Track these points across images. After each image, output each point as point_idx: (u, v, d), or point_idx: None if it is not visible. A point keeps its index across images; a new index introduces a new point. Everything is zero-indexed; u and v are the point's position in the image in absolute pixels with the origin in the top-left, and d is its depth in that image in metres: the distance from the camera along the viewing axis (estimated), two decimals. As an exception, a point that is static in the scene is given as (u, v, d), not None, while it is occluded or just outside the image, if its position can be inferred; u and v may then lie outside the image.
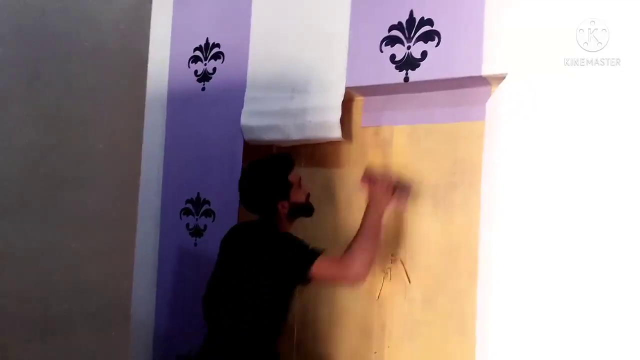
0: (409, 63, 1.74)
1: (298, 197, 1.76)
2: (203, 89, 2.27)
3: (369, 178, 1.75)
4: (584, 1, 1.38)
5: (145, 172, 2.45)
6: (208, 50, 2.26)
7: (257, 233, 1.74)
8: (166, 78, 2.38)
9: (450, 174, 1.78)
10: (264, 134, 2.04)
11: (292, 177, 1.76)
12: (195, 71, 2.29)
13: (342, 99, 1.85)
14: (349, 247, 1.64)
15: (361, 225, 1.68)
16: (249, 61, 2.12)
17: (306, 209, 1.81)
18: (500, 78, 1.58)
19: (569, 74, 1.45)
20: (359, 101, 2.01)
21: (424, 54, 1.72)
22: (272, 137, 2.02)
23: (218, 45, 2.24)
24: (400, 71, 1.76)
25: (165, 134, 2.37)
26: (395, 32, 1.78)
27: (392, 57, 1.78)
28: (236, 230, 1.87)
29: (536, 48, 1.53)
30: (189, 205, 2.26)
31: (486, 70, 1.60)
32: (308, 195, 1.82)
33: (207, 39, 2.27)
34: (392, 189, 1.73)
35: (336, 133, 1.86)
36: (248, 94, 2.11)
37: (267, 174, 1.74)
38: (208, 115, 2.23)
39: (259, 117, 2.06)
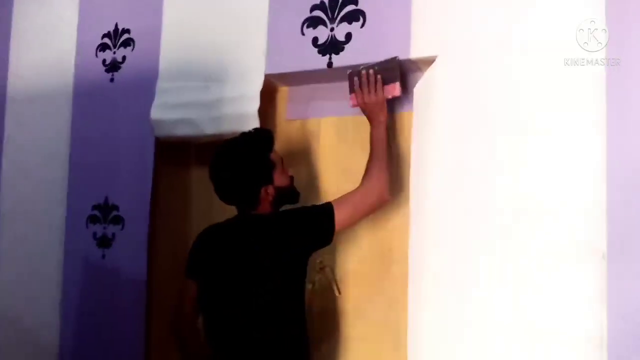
0: (332, 46, 1.56)
1: (282, 180, 1.46)
2: (112, 79, 2.02)
3: (354, 93, 1.51)
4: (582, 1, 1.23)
5: (48, 176, 2.21)
6: (117, 37, 2.02)
7: (250, 228, 1.42)
8: (72, 69, 2.12)
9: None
10: (176, 128, 1.81)
11: (273, 156, 1.45)
12: (104, 60, 2.04)
13: (261, 87, 1.65)
14: (366, 171, 1.45)
15: (371, 144, 1.47)
16: (161, 48, 1.89)
17: (292, 194, 1.51)
18: (429, 62, 1.42)
19: (503, 61, 1.31)
20: (283, 92, 1.81)
21: (349, 37, 1.54)
22: (185, 132, 1.79)
23: (128, 31, 2.00)
24: (323, 55, 1.57)
25: (71, 132, 2.10)
26: (317, 13, 1.59)
27: (315, 40, 1.59)
28: (218, 234, 1.50)
29: (470, 29, 1.37)
30: (96, 212, 2.00)
31: (415, 53, 1.44)
32: (292, 179, 1.51)
33: (117, 24, 2.02)
34: (380, 88, 1.47)
35: (254, 125, 1.65)
36: (160, 84, 1.88)
37: (245, 154, 1.41)
38: (117, 109, 1.98)
39: (170, 110, 1.83)
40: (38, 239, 2.14)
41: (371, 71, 1.48)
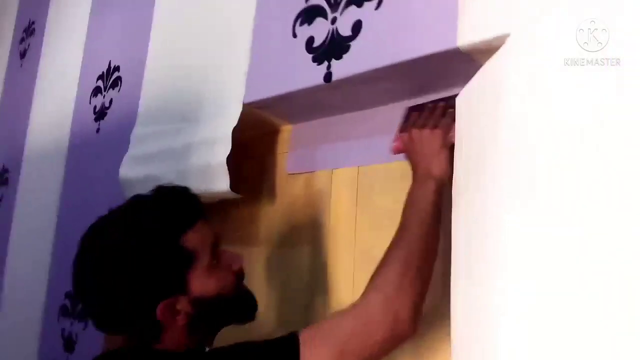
0: (333, 47, 0.92)
1: (213, 282, 0.77)
2: (97, 130, 1.59)
3: (403, 133, 0.89)
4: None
5: (32, 260, 1.82)
6: (109, 77, 1.60)
7: None
8: (70, 122, 1.75)
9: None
10: (143, 188, 1.27)
11: (193, 239, 0.76)
12: (95, 107, 1.63)
13: (235, 123, 1.06)
14: (379, 270, 0.76)
15: (403, 214, 0.80)
16: (143, 85, 1.42)
17: (234, 308, 0.82)
18: (487, 49, 0.72)
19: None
20: (285, 133, 1.20)
21: (357, 27, 0.90)
22: (152, 194, 1.25)
23: (118, 69, 1.57)
24: (319, 64, 0.94)
25: (60, 197, 1.70)
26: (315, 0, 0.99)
27: (309, 42, 0.97)
28: None
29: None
30: (67, 302, 1.52)
31: (465, 38, 0.75)
32: (239, 275, 0.82)
33: (110, 62, 1.62)
34: (449, 127, 0.83)
35: (222, 184, 1.05)
36: (135, 131, 1.39)
37: (124, 243, 0.74)
38: (99, 167, 1.53)
39: (139, 165, 1.31)
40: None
41: (440, 104, 0.87)
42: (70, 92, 1.78)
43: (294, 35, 1.01)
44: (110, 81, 1.58)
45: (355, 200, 1.02)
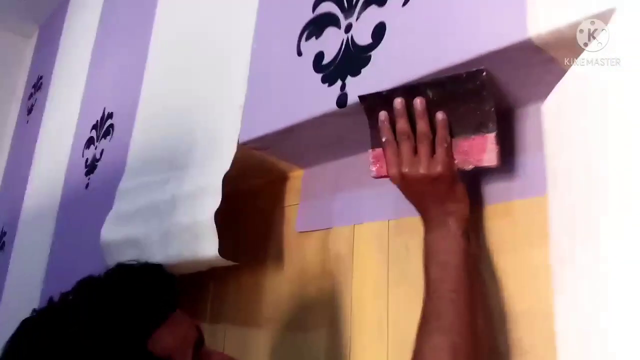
0: (348, 62, 0.69)
1: None
2: (87, 185, 1.39)
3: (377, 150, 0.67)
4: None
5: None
6: (102, 125, 1.41)
7: None
8: (63, 178, 1.56)
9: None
10: (123, 254, 1.04)
11: (165, 339, 0.54)
12: (86, 160, 1.44)
13: (227, 169, 0.82)
14: None
15: (426, 284, 0.59)
16: (133, 133, 1.21)
17: None
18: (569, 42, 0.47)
19: None
20: (293, 180, 0.95)
21: (379, 31, 0.66)
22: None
23: (111, 116, 1.39)
24: (330, 85, 0.71)
25: (48, 261, 1.48)
26: (326, 6, 0.76)
27: (318, 59, 0.74)
28: None
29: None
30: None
31: (539, 26, 0.50)
32: None
33: (104, 109, 1.44)
34: (444, 144, 0.60)
35: (209, 248, 0.80)
36: (121, 185, 1.17)
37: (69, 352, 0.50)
38: (85, 228, 1.31)
39: (120, 225, 1.08)
40: None
41: (418, 102, 0.60)
42: (66, 145, 1.61)
43: (299, 54, 0.78)
44: (103, 130, 1.39)
45: (387, 265, 0.75)
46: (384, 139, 0.63)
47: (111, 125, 1.36)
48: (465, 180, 0.62)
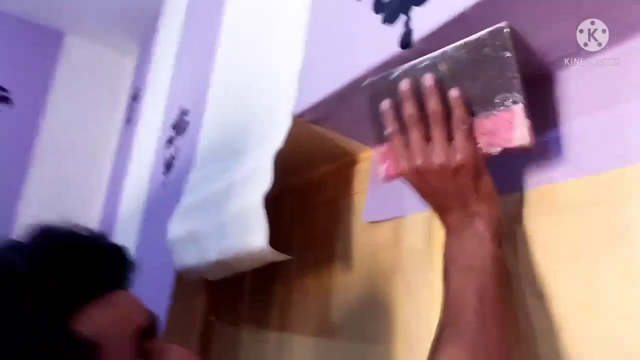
0: (414, -9, 0.54)
1: None
2: (164, 183, 1.35)
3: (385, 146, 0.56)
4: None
5: None
6: (180, 123, 1.38)
7: None
8: (147, 182, 1.55)
9: None
10: (184, 253, 0.96)
11: (96, 319, 0.41)
12: (165, 160, 1.41)
13: (280, 144, 0.70)
14: None
15: (447, 301, 0.48)
16: (202, 127, 1.15)
17: None
18: None
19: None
20: (364, 163, 0.80)
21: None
22: (192, 259, 0.92)
23: (187, 113, 1.34)
24: (391, 23, 0.55)
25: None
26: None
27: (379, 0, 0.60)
28: None
29: None
30: None
31: None
32: None
33: (180, 107, 1.40)
34: (463, 125, 0.48)
35: (257, 238, 0.67)
36: (189, 179, 1.10)
37: None
38: (161, 227, 1.27)
39: (184, 220, 1.00)
40: None
41: (427, 77, 0.49)
42: (152, 148, 1.60)
43: (358, -2, 0.64)
44: (181, 127, 1.35)
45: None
46: (389, 130, 0.52)
47: (187, 123, 1.31)
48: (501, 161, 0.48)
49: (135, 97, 2.24)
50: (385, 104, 0.53)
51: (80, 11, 2.25)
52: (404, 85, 0.50)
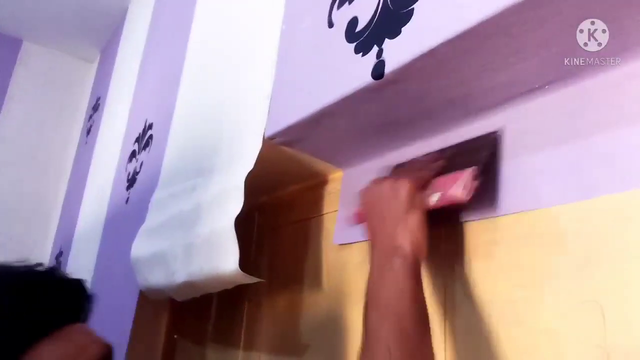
0: (387, 19, 0.55)
1: None
2: (127, 200, 1.32)
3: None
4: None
5: None
6: (144, 137, 1.35)
7: None
8: (109, 195, 1.51)
9: None
10: (150, 274, 0.94)
11: (40, 358, 0.43)
12: (128, 174, 1.38)
13: (252, 166, 0.70)
14: None
15: (365, 333, 0.48)
16: (167, 143, 1.13)
17: None
18: None
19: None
20: (333, 184, 0.81)
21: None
22: (158, 280, 0.90)
23: (151, 127, 1.32)
24: (364, 54, 0.57)
25: (91, 283, 1.42)
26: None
27: (351, 26, 0.61)
28: None
29: None
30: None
31: None
32: None
33: (146, 121, 1.38)
34: (415, 181, 0.55)
35: (228, 261, 0.67)
36: (154, 197, 1.08)
37: None
38: (123, 245, 1.24)
39: (149, 239, 0.98)
40: None
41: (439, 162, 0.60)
42: (114, 161, 1.57)
43: (330, 25, 0.65)
44: (144, 142, 1.33)
45: (444, 282, 0.58)
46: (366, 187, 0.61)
47: (150, 137, 1.29)
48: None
49: (95, 107, 2.18)
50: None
51: (39, 17, 2.18)
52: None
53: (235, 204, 0.68)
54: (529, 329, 0.50)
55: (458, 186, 0.52)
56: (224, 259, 0.68)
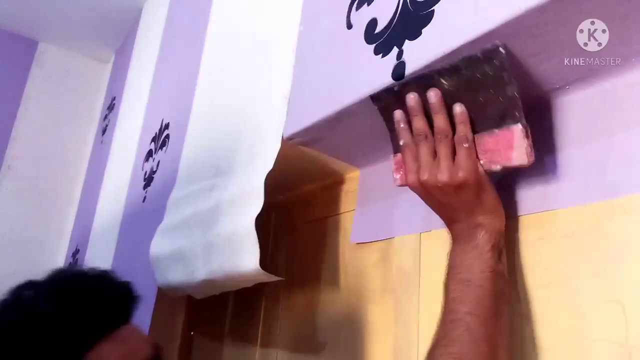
0: (406, 21, 0.55)
1: None
2: (144, 199, 1.34)
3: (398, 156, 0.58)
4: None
5: None
6: (160, 137, 1.37)
7: None
8: (126, 194, 1.53)
9: None
10: (169, 271, 0.95)
11: (108, 354, 0.47)
12: (145, 174, 1.40)
13: (271, 166, 0.71)
14: None
15: (444, 311, 0.50)
16: (185, 142, 1.15)
17: None
18: None
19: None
20: (351, 183, 0.82)
21: (444, -20, 0.52)
22: (178, 277, 0.92)
23: (167, 126, 1.33)
24: (383, 55, 0.57)
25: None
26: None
27: (370, 27, 0.61)
28: None
29: None
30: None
31: None
32: None
33: (162, 120, 1.39)
34: (465, 144, 0.50)
35: (249, 259, 0.68)
36: (172, 196, 1.10)
37: None
38: (141, 243, 1.25)
39: (168, 238, 1.00)
40: None
41: (432, 94, 0.51)
42: (130, 160, 1.59)
43: (349, 26, 0.65)
44: (160, 141, 1.35)
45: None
46: (401, 142, 0.54)
47: (167, 136, 1.30)
48: (499, 185, 0.52)
49: (111, 107, 2.21)
50: (397, 115, 0.55)
51: (55, 19, 2.21)
52: (412, 100, 0.52)
53: (255, 203, 0.69)
54: (551, 328, 0.50)
55: (519, 152, 0.48)
56: (244, 257, 0.69)
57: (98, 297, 0.48)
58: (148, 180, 1.34)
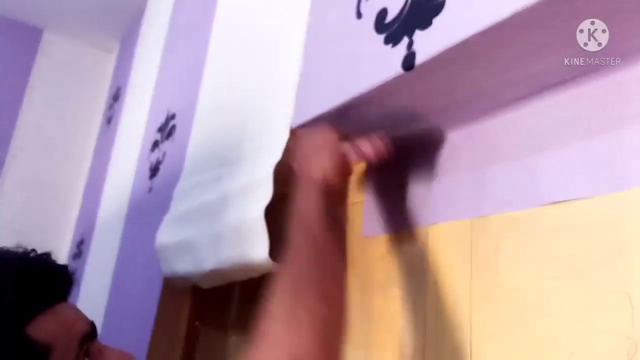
0: (417, 12, 0.55)
1: None
2: (150, 189, 1.34)
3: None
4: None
5: None
6: (166, 127, 1.37)
7: None
8: (131, 184, 1.54)
9: None
10: (176, 261, 0.96)
11: (48, 326, 0.53)
12: (151, 164, 1.40)
13: (280, 155, 0.71)
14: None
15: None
16: (191, 132, 1.15)
17: None
18: None
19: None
20: (358, 172, 0.82)
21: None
22: (185, 267, 0.92)
23: (174, 116, 1.34)
24: (394, 45, 0.57)
25: (114, 269, 1.45)
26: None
27: (380, 17, 0.61)
28: None
29: None
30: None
31: None
32: None
33: (168, 110, 1.39)
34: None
35: (258, 249, 0.68)
36: (178, 186, 1.10)
37: None
38: (147, 234, 1.26)
39: (175, 228, 1.00)
40: None
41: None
42: (135, 151, 1.59)
43: (359, 15, 0.65)
44: (167, 131, 1.35)
45: (469, 275, 0.59)
46: None
47: (173, 126, 1.30)
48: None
49: (116, 97, 2.21)
50: None
51: (59, 7, 2.21)
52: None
53: (264, 193, 0.69)
54: (558, 319, 0.50)
55: (366, 144, 0.60)
56: (253, 248, 0.69)
57: (37, 276, 0.55)
58: (154, 170, 1.34)
